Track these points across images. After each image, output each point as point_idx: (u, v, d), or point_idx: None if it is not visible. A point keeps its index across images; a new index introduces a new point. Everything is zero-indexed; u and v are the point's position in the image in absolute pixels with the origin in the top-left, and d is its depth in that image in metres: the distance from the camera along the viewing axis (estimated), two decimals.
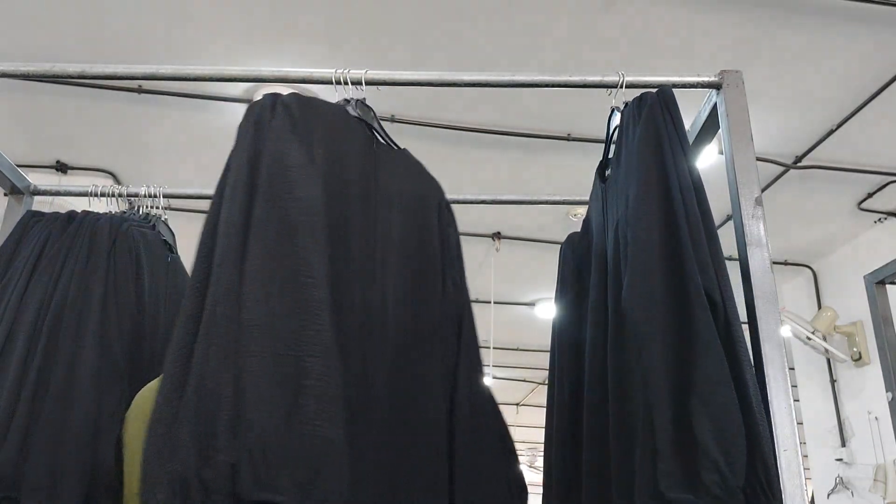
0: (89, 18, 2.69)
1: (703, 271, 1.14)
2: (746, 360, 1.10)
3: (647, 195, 1.22)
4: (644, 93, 1.37)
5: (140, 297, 1.47)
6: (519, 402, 8.56)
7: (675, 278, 1.15)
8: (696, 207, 1.20)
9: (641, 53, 2.80)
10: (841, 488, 4.20)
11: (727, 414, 1.04)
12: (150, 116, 3.32)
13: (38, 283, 1.44)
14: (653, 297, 1.14)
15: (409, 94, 3.10)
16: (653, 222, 1.19)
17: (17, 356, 1.34)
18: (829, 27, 2.64)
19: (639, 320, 1.14)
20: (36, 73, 1.49)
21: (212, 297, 1.03)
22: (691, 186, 1.23)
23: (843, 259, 4.44)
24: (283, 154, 1.16)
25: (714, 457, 1.01)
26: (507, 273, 4.92)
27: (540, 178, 3.76)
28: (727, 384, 1.06)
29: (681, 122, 1.31)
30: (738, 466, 1.02)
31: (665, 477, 1.03)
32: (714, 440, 1.03)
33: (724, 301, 1.14)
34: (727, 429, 1.03)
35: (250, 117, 1.23)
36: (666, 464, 1.04)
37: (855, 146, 3.38)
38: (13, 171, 1.79)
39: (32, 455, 1.27)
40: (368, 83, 1.40)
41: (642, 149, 1.27)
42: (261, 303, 1.03)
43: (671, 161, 1.24)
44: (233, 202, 1.12)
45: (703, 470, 1.01)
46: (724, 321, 1.12)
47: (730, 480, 1.01)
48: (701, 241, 1.17)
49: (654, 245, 1.17)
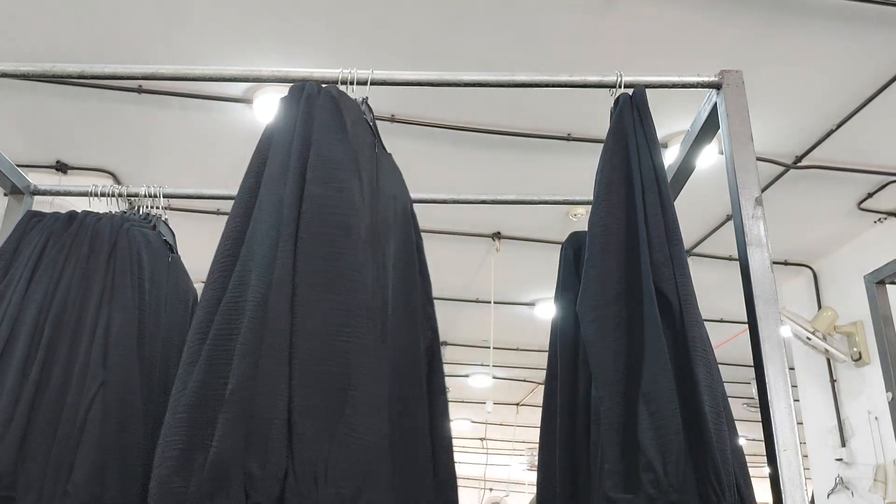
0: (89, 18, 2.69)
1: (659, 271, 1.14)
2: (701, 360, 1.10)
3: (607, 196, 1.24)
4: (620, 94, 1.38)
5: (141, 298, 1.47)
6: (519, 402, 8.56)
7: (630, 278, 1.16)
8: (658, 207, 1.21)
9: (641, 53, 2.80)
10: (841, 488, 4.20)
11: (666, 413, 1.04)
12: (150, 116, 3.32)
13: (39, 283, 1.44)
14: (604, 297, 1.15)
15: (409, 94, 3.10)
16: (610, 222, 1.21)
17: (18, 357, 1.34)
18: (829, 27, 2.64)
19: (588, 321, 1.14)
20: (36, 73, 1.49)
21: (259, 288, 1.02)
22: (655, 187, 1.23)
23: (843, 259, 4.44)
24: (332, 151, 1.16)
25: (650, 455, 1.02)
26: (507, 273, 4.92)
27: (540, 178, 3.76)
28: (668, 382, 1.06)
29: (650, 121, 1.32)
30: (674, 466, 1.01)
31: (610, 477, 1.04)
32: (652, 439, 1.03)
33: (680, 301, 1.14)
34: (665, 428, 1.03)
35: (295, 101, 1.22)
36: (611, 464, 1.04)
37: (855, 146, 3.37)
38: (13, 171, 1.79)
39: (30, 455, 1.26)
40: (374, 83, 1.40)
41: (607, 149, 1.29)
42: (312, 310, 1.02)
43: (635, 161, 1.25)
44: (279, 190, 1.10)
45: (641, 469, 1.02)
46: (679, 320, 1.12)
47: (663, 480, 1.00)
48: (660, 241, 1.18)
49: (610, 245, 1.18)
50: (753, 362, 1.18)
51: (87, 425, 1.28)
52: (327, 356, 1.00)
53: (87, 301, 1.42)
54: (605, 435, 1.06)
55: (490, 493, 12.41)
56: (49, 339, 1.37)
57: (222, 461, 0.92)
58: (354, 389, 0.99)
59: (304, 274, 1.04)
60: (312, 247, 1.07)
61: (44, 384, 1.33)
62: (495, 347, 6.10)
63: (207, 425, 0.95)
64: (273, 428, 0.94)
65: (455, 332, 6.21)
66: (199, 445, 0.95)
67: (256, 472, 0.92)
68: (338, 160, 1.15)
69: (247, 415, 0.95)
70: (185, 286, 1.68)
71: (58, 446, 1.27)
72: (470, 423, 9.59)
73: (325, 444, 0.95)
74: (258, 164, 1.19)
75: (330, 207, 1.11)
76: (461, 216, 4.21)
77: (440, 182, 3.74)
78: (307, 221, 1.09)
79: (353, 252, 1.08)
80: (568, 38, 2.74)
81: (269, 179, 1.14)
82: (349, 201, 1.12)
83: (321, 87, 1.26)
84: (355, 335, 1.03)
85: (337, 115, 1.21)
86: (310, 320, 1.02)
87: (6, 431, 1.26)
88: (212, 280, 1.09)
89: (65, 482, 1.24)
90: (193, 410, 0.96)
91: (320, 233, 1.08)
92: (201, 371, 0.99)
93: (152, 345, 1.46)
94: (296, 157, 1.15)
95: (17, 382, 1.32)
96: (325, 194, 1.11)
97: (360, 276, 1.07)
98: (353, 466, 0.96)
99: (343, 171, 1.15)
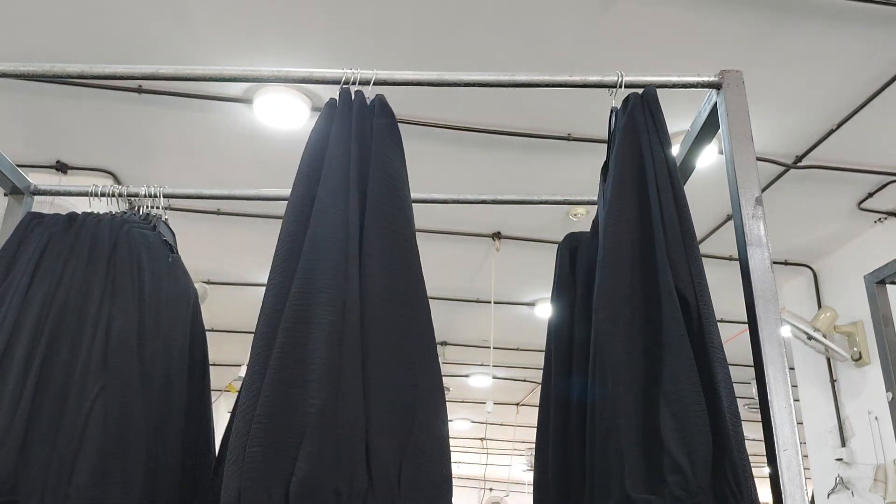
0: (89, 18, 2.69)
1: (676, 270, 1.14)
2: (719, 360, 1.09)
3: (621, 195, 1.23)
4: (629, 94, 1.37)
5: (142, 299, 1.47)
6: (519, 402, 8.56)
7: (645, 277, 1.15)
8: (672, 206, 1.21)
9: (641, 53, 2.80)
10: (841, 488, 4.20)
11: (692, 414, 1.03)
12: (150, 116, 3.32)
13: (40, 285, 1.44)
14: (618, 297, 1.14)
15: (410, 94, 3.10)
16: (624, 221, 1.20)
17: (18, 359, 1.34)
18: (828, 27, 2.64)
19: (601, 320, 1.14)
20: (36, 73, 1.49)
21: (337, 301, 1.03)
22: (669, 185, 1.23)
23: (843, 259, 4.44)
24: (393, 166, 1.17)
25: (677, 457, 1.01)
26: (507, 273, 4.92)
27: (540, 178, 3.76)
28: (694, 384, 1.05)
29: (662, 121, 1.32)
30: (702, 467, 1.01)
31: (630, 477, 1.03)
32: (677, 440, 1.02)
33: (697, 300, 1.13)
34: (691, 429, 1.02)
35: (349, 109, 1.23)
36: (631, 464, 1.04)
37: (855, 146, 3.37)
38: (13, 171, 1.79)
39: (31, 459, 1.26)
40: (377, 83, 1.40)
41: (620, 149, 1.28)
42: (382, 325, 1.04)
43: (649, 161, 1.25)
44: (342, 203, 1.11)
45: (667, 470, 1.01)
46: (697, 321, 1.12)
47: (692, 481, 1.00)
48: (676, 240, 1.17)
49: (626, 244, 1.18)
50: (753, 362, 1.18)
51: (88, 428, 1.27)
52: (396, 374, 1.03)
53: (87, 303, 1.42)
54: (624, 435, 1.05)
55: (490, 493, 12.41)
56: (49, 341, 1.37)
57: (313, 479, 0.93)
58: (421, 406, 1.02)
59: (370, 289, 1.05)
60: (378, 264, 1.08)
61: (44, 387, 1.33)
62: (495, 347, 6.10)
63: (285, 439, 0.96)
64: (356, 447, 0.96)
65: (455, 332, 6.21)
66: (279, 459, 0.95)
67: (344, 489, 0.93)
68: (398, 174, 1.17)
69: (334, 433, 0.96)
70: (186, 286, 1.68)
71: (59, 450, 1.27)
72: (470, 423, 9.59)
73: (398, 461, 0.98)
74: (309, 170, 1.19)
75: (393, 222, 1.12)
76: (461, 216, 4.21)
77: (440, 182, 3.74)
78: (373, 235, 1.09)
79: (415, 268, 1.10)
80: (568, 38, 2.74)
81: (329, 188, 1.14)
82: (409, 218, 1.14)
83: (377, 98, 1.27)
84: (418, 352, 1.05)
85: (394, 129, 1.22)
86: (380, 337, 1.03)
87: (7, 435, 1.26)
88: (272, 286, 1.10)
89: (66, 486, 1.23)
90: (271, 423, 0.97)
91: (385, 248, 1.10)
92: (275, 383, 0.99)
93: (153, 346, 1.46)
94: (356, 168, 1.16)
95: (17, 385, 1.31)
96: (389, 210, 1.13)
97: (421, 292, 1.10)
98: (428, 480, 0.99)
99: (403, 184, 1.17)
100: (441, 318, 5.81)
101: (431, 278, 1.36)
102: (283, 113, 3.21)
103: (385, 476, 0.96)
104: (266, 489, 0.93)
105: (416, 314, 1.07)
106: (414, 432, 1.00)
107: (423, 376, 1.04)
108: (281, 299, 1.06)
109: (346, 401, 0.98)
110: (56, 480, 1.24)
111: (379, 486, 0.95)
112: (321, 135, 1.23)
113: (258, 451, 0.95)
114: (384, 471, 0.96)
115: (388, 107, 1.25)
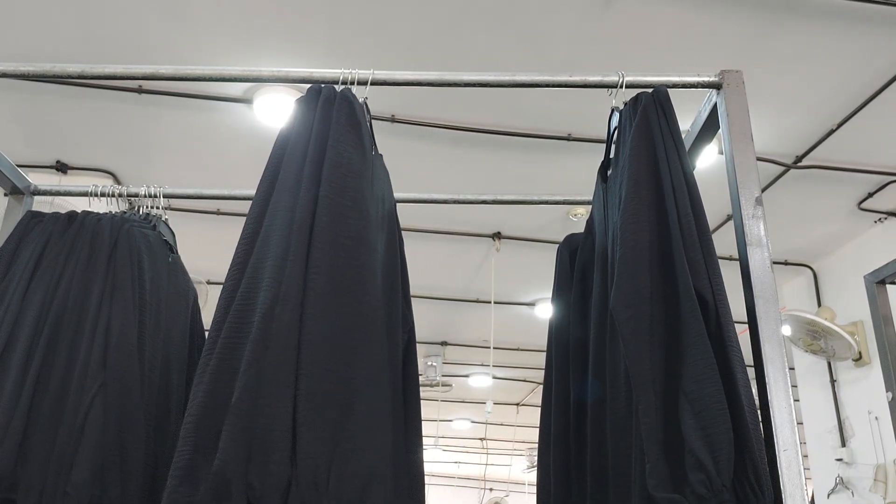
0: (89, 18, 2.69)
1: (695, 270, 1.14)
2: (737, 359, 1.10)
3: (637, 195, 1.22)
4: (639, 93, 1.37)
5: (142, 298, 1.47)
6: (519, 402, 8.57)
7: (664, 277, 1.15)
8: (688, 206, 1.20)
9: (641, 53, 2.80)
10: (841, 488, 4.20)
11: (714, 413, 1.03)
12: (150, 116, 3.32)
13: (39, 284, 1.44)
14: (639, 296, 1.14)
15: (409, 94, 3.10)
16: (642, 221, 1.19)
17: (18, 358, 1.34)
18: (828, 27, 2.64)
19: (623, 319, 1.14)
20: (36, 73, 1.49)
21: (267, 298, 1.03)
22: (684, 185, 1.23)
23: (843, 259, 4.44)
24: (349, 158, 1.16)
25: (700, 456, 1.01)
26: (507, 273, 4.92)
27: (540, 178, 3.76)
28: (715, 383, 1.05)
29: (675, 121, 1.31)
30: (725, 465, 1.01)
31: (652, 476, 1.03)
32: (700, 439, 1.02)
33: (715, 300, 1.13)
34: (714, 427, 1.03)
35: (312, 104, 1.22)
36: (654, 464, 1.04)
37: (855, 146, 3.37)
38: (13, 171, 1.79)
39: (31, 456, 1.26)
40: (374, 83, 1.40)
41: (635, 148, 1.28)
42: (322, 318, 1.03)
43: (664, 160, 1.24)
44: (292, 197, 1.11)
45: (690, 469, 1.01)
46: (715, 320, 1.12)
47: (716, 480, 1.00)
48: (693, 240, 1.17)
49: (644, 244, 1.17)
50: (753, 362, 1.18)
51: (87, 426, 1.28)
52: (333, 367, 1.01)
53: (87, 301, 1.42)
54: (646, 434, 1.05)
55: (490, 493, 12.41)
56: (49, 339, 1.37)
57: (224, 472, 0.92)
58: (359, 400, 1.00)
59: (313, 284, 1.05)
60: (324, 257, 1.07)
61: (44, 385, 1.33)
62: (495, 347, 6.10)
63: (214, 436, 0.96)
64: (275, 439, 0.95)
65: (455, 332, 6.21)
66: (205, 456, 0.95)
67: (257, 483, 0.93)
68: (354, 168, 1.15)
69: (249, 426, 0.95)
70: (185, 286, 1.68)
71: (58, 447, 1.27)
72: (470, 423, 9.59)
73: (328, 454, 0.96)
74: (273, 168, 1.19)
75: (343, 217, 1.11)
76: (461, 216, 4.21)
77: (440, 182, 3.74)
78: (319, 230, 1.09)
79: (364, 263, 1.08)
80: (568, 38, 2.74)
81: (284, 186, 1.14)
82: (362, 212, 1.12)
83: (339, 91, 1.25)
84: (361, 346, 1.03)
85: (354, 122, 1.21)
86: (317, 331, 1.02)
87: (6, 433, 1.26)
88: (225, 287, 1.10)
89: (65, 483, 1.24)
90: (200, 421, 0.97)
91: (332, 242, 1.08)
92: (209, 381, 0.99)
93: (153, 345, 1.46)
94: (311, 163, 1.15)
95: (17, 383, 1.31)
96: (340, 203, 1.11)
97: (369, 287, 1.07)
98: (356, 475, 0.96)
99: (358, 178, 1.15)
100: (441, 318, 5.82)
101: (431, 278, 1.35)
102: (283, 113, 3.21)
103: (311, 469, 0.94)
104: (193, 483, 0.94)
105: (362, 307, 1.06)
106: (349, 426, 0.98)
107: (365, 369, 1.02)
108: (230, 301, 1.07)
109: (266, 393, 0.97)
110: (55, 478, 1.25)
111: (304, 480, 0.94)
112: (285, 134, 1.24)
113: (186, 450, 0.96)
114: (310, 464, 0.95)
115: (348, 97, 1.24)
